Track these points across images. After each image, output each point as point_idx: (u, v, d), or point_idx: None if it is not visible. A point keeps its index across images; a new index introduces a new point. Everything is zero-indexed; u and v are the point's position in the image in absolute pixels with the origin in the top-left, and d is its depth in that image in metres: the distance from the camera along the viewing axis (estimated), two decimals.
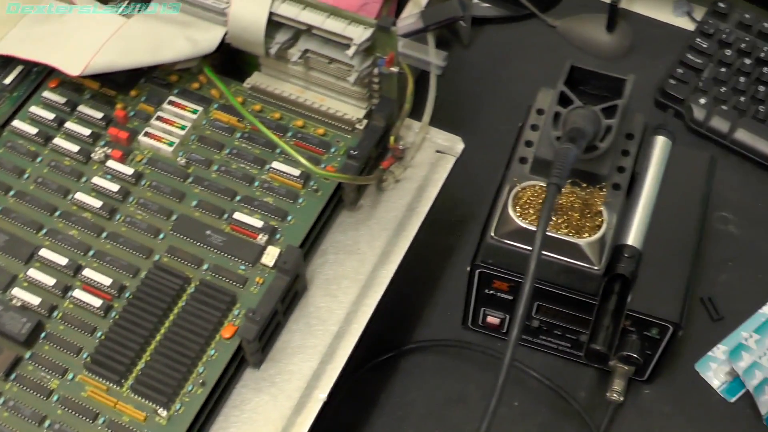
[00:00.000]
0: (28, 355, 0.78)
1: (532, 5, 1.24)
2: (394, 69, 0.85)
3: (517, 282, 0.88)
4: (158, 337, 0.78)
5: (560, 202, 0.83)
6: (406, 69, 0.87)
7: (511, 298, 0.90)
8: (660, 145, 0.91)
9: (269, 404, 0.79)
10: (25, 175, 0.87)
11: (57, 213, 0.85)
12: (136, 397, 0.76)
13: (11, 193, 0.86)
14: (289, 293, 0.81)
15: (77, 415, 0.75)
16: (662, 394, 0.95)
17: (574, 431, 0.93)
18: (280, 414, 0.78)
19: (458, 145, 0.93)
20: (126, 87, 0.92)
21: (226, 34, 0.88)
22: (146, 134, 0.89)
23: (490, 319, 0.95)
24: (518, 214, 0.83)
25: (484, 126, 1.14)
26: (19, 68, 0.94)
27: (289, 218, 0.84)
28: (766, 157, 1.10)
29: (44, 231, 0.84)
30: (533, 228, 0.81)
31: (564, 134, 0.81)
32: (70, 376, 0.77)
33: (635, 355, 0.89)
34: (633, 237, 0.85)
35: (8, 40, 0.91)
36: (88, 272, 0.81)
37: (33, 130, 0.90)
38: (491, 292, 0.91)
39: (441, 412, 0.94)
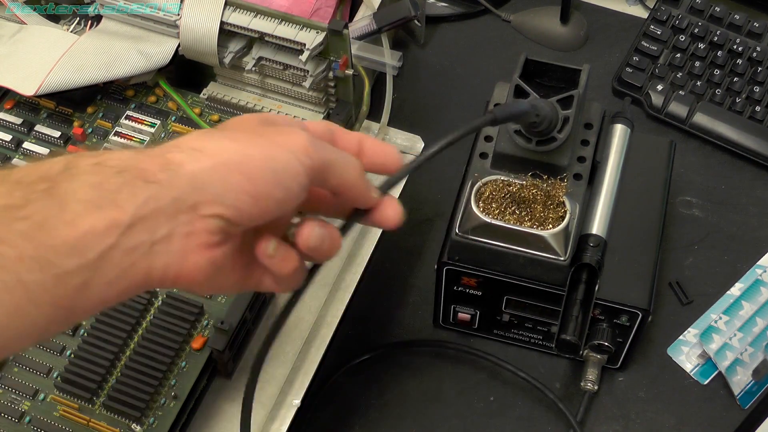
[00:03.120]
0: None
1: (485, 1, 1.25)
2: (349, 72, 0.85)
3: (484, 277, 0.88)
4: (128, 352, 0.77)
5: (522, 194, 0.83)
6: (362, 71, 0.88)
7: (480, 293, 0.90)
8: (619, 133, 0.92)
9: None
10: None
11: None
12: (109, 413, 0.75)
13: None
14: (257, 301, 0.80)
15: None
16: (636, 380, 0.96)
17: (551, 422, 0.93)
18: (255, 422, 0.78)
19: (418, 144, 0.94)
20: (82, 104, 0.92)
21: (179, 47, 0.88)
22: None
23: (461, 316, 0.95)
24: (481, 209, 0.83)
25: (444, 124, 1.14)
26: None
27: None
28: (725, 140, 1.11)
29: None
30: (497, 222, 0.82)
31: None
32: (41, 396, 0.76)
33: (606, 344, 0.89)
34: (597, 226, 0.85)
35: None
36: None
37: None
38: (460, 288, 0.91)
39: (417, 411, 0.94)
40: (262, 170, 0.54)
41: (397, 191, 0.91)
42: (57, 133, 0.90)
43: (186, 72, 0.94)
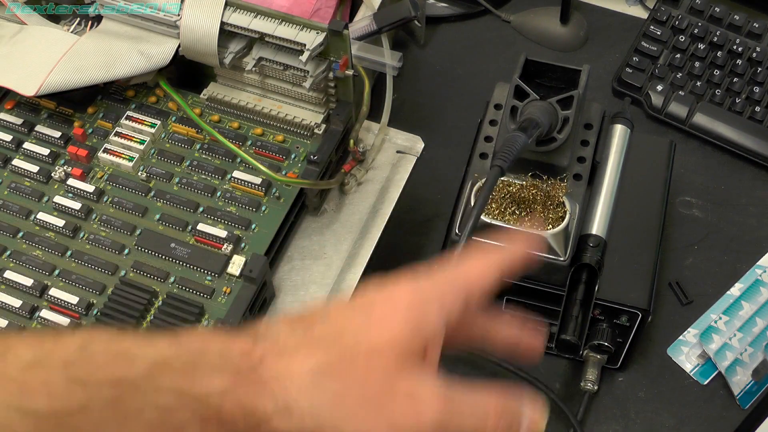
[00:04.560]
0: None
1: (485, 2, 1.25)
2: (349, 72, 0.85)
3: None
4: None
5: (522, 195, 0.83)
6: (362, 71, 0.87)
7: None
8: (619, 133, 0.92)
9: None
10: None
11: (20, 234, 0.84)
12: None
13: None
14: (258, 301, 0.80)
15: None
16: (636, 380, 0.96)
17: (551, 422, 0.93)
18: None
19: (418, 145, 0.94)
20: (83, 104, 0.92)
21: (179, 47, 0.88)
22: (105, 151, 0.88)
23: None
24: None
25: (445, 124, 1.14)
26: None
27: (253, 226, 0.84)
28: (725, 140, 1.11)
29: (8, 253, 0.83)
30: (497, 222, 0.82)
31: (516, 124, 0.81)
32: None
33: (606, 344, 0.89)
34: (597, 226, 0.86)
35: None
36: (54, 292, 0.80)
37: None
38: None
39: None
40: None
41: (396, 191, 0.91)
42: (57, 134, 0.90)
43: (186, 72, 0.94)
